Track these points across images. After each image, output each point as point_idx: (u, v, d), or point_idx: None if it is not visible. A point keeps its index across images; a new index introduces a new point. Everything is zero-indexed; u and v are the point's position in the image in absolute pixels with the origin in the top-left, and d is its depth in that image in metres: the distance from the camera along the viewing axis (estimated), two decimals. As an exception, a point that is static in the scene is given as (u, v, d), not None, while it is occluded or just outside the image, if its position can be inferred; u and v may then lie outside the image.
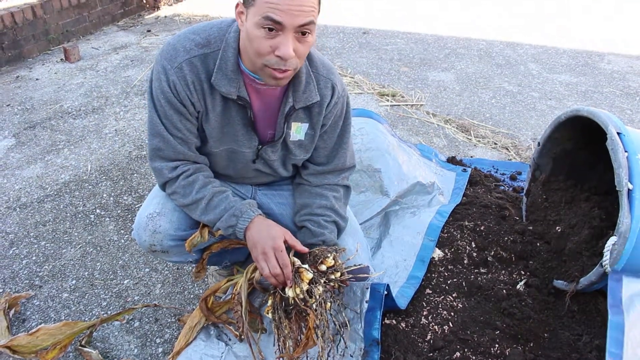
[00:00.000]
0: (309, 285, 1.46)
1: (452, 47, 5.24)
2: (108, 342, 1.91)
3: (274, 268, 1.46)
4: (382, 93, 4.05)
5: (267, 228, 1.51)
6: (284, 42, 1.29)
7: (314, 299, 1.44)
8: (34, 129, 3.43)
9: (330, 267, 1.53)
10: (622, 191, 1.67)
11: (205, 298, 1.71)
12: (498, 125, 3.61)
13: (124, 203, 2.70)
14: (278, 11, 1.24)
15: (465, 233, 2.30)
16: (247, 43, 1.35)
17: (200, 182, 1.56)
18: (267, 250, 1.47)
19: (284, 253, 1.47)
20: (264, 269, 1.48)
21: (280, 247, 1.47)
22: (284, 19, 1.25)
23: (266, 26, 1.27)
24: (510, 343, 1.82)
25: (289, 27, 1.27)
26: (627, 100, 4.06)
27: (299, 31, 1.29)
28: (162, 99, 1.46)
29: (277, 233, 1.50)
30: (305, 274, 1.46)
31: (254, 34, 1.30)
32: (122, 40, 5.21)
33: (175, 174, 1.55)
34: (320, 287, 1.46)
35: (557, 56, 5.03)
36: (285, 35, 1.28)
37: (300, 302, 1.44)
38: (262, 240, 1.48)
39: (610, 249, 1.69)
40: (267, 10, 1.25)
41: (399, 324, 1.86)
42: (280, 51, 1.29)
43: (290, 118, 1.55)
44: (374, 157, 2.50)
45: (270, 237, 1.48)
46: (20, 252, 2.37)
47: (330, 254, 1.54)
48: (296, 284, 1.45)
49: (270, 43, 1.30)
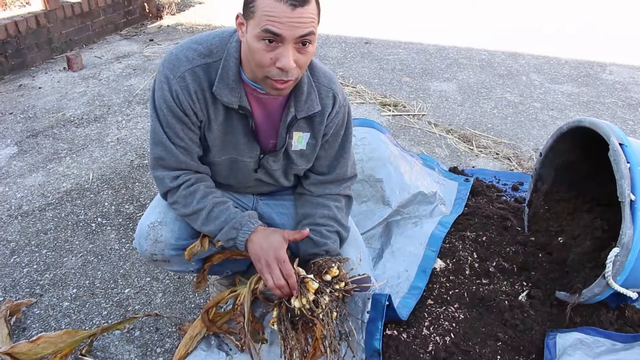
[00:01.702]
0: (315, 295, 1.44)
1: (454, 57, 5.26)
2: (108, 351, 1.91)
3: (278, 279, 1.45)
4: (384, 103, 4.06)
5: (268, 238, 1.50)
6: (284, 53, 1.29)
7: (320, 309, 1.42)
8: (36, 137, 3.44)
9: (335, 277, 1.52)
10: (624, 202, 1.67)
11: (208, 310, 1.70)
12: (500, 135, 3.61)
13: (126, 212, 2.70)
14: (277, 23, 1.25)
15: (467, 243, 2.29)
16: (248, 54, 1.35)
17: (201, 192, 1.55)
18: (270, 262, 1.46)
19: (287, 263, 1.46)
20: (268, 280, 1.47)
21: (282, 258, 1.46)
22: (283, 31, 1.26)
23: (266, 38, 1.27)
24: (512, 355, 1.81)
25: (289, 39, 1.27)
26: (629, 111, 4.06)
27: (299, 42, 1.30)
28: (164, 109, 1.46)
29: (278, 242, 1.49)
30: (310, 284, 1.44)
31: (254, 46, 1.30)
32: (125, 49, 5.23)
33: (176, 183, 1.55)
34: (326, 296, 1.45)
35: (559, 66, 5.05)
36: (285, 47, 1.29)
37: (307, 312, 1.43)
38: (263, 252, 1.47)
39: (613, 260, 1.69)
40: (266, 23, 1.25)
41: (400, 334, 1.85)
42: (281, 63, 1.30)
43: (292, 128, 1.55)
44: (375, 167, 2.49)
45: (272, 248, 1.47)
46: (21, 260, 2.36)
47: (334, 264, 1.53)
48: (302, 295, 1.43)
49: (270, 55, 1.30)
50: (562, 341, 1.79)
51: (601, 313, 1.89)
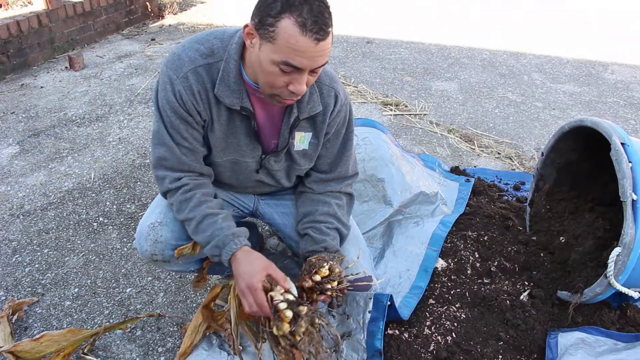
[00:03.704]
0: (290, 325, 1.37)
1: (456, 56, 5.25)
2: (110, 350, 1.91)
3: (250, 307, 1.42)
4: (385, 102, 4.05)
5: (247, 263, 1.45)
6: (299, 80, 1.32)
7: (299, 336, 1.36)
8: (38, 136, 3.44)
9: (325, 277, 1.49)
10: (626, 202, 1.67)
11: (207, 305, 1.70)
12: (501, 135, 3.61)
13: (127, 211, 2.70)
14: (300, 58, 1.26)
15: (469, 243, 2.29)
16: (258, 70, 1.36)
17: (195, 201, 1.52)
18: (243, 288, 1.42)
19: (258, 292, 1.39)
20: (244, 305, 1.45)
21: (254, 287, 1.39)
22: (304, 64, 1.27)
23: (284, 69, 1.29)
24: (513, 354, 1.81)
25: (306, 70, 1.30)
26: (631, 111, 4.06)
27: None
28: (168, 109, 1.47)
29: (255, 270, 1.43)
30: (284, 314, 1.38)
31: (268, 69, 1.31)
32: (127, 48, 5.23)
33: (175, 185, 1.54)
34: (303, 323, 1.37)
35: (560, 66, 5.04)
36: (301, 74, 1.31)
37: (285, 341, 1.38)
38: (240, 277, 1.44)
39: (615, 260, 1.68)
40: (288, 56, 1.26)
41: (402, 334, 1.85)
42: (294, 88, 1.32)
43: (294, 128, 1.55)
44: (377, 167, 2.49)
45: (248, 275, 1.42)
46: (23, 259, 2.37)
47: (326, 263, 1.50)
48: (277, 327, 1.38)
49: (284, 79, 1.32)
50: (564, 341, 1.78)
51: (603, 312, 1.89)
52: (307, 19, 1.22)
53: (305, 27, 1.22)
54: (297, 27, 1.22)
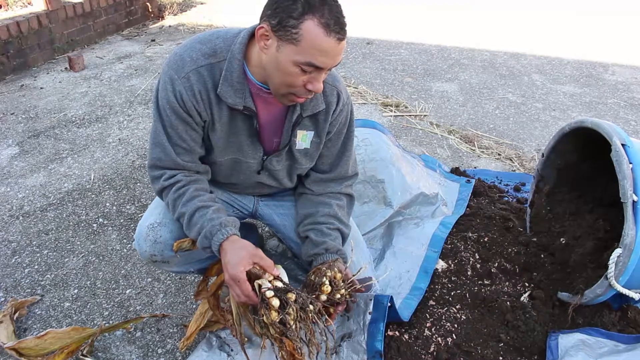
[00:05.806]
0: (278, 313, 1.36)
1: (456, 57, 5.25)
2: (110, 352, 1.90)
3: (238, 297, 1.41)
4: (385, 103, 4.05)
5: (232, 253, 1.43)
6: (318, 79, 1.34)
7: (288, 324, 1.36)
8: (37, 137, 3.44)
9: (330, 294, 1.48)
10: (627, 203, 1.66)
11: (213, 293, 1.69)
12: (502, 136, 3.61)
13: (127, 212, 2.70)
14: (323, 58, 1.28)
15: (469, 244, 2.29)
16: (273, 71, 1.36)
17: (187, 196, 1.51)
18: (227, 279, 1.42)
19: (242, 282, 1.38)
20: (232, 295, 1.45)
21: (237, 277, 1.38)
22: (326, 64, 1.30)
23: (306, 69, 1.30)
24: (514, 356, 1.80)
25: (326, 69, 1.33)
26: (632, 112, 4.05)
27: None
28: (167, 109, 1.46)
29: (238, 260, 1.40)
30: (271, 302, 1.36)
31: (288, 70, 1.31)
32: (127, 49, 5.23)
33: (169, 182, 1.53)
34: (291, 310, 1.36)
35: (561, 67, 5.04)
36: (320, 73, 1.33)
37: (276, 329, 1.37)
38: (225, 267, 1.42)
39: (615, 261, 1.68)
40: (312, 57, 1.28)
41: (402, 335, 1.85)
42: (313, 86, 1.34)
43: (296, 126, 1.56)
44: (377, 168, 2.49)
45: (231, 265, 1.40)
46: (22, 260, 2.36)
47: (325, 278, 1.48)
48: (265, 316, 1.36)
49: (303, 78, 1.33)
50: (564, 342, 1.78)
51: (603, 314, 1.89)
52: (329, 19, 1.25)
53: (329, 27, 1.25)
54: (321, 28, 1.25)
